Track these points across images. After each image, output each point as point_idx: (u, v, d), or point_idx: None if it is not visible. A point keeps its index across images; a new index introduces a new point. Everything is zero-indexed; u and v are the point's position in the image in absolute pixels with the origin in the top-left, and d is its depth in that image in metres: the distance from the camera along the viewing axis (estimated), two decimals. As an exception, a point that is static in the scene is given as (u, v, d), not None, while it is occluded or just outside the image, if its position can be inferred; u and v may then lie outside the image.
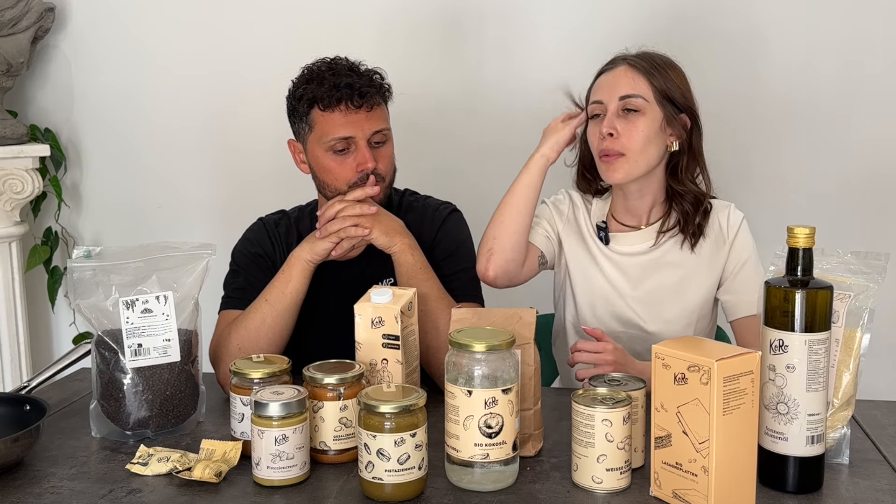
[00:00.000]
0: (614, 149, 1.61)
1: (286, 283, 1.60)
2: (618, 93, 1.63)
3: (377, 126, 1.66)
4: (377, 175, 1.65)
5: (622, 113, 1.62)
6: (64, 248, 2.82)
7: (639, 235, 1.71)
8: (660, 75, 1.63)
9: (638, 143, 1.61)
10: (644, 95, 1.62)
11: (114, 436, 1.39)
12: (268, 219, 1.81)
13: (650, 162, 1.64)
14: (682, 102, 1.64)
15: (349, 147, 1.65)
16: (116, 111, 2.78)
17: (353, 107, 1.62)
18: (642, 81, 1.62)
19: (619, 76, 1.64)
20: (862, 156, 2.50)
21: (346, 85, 1.62)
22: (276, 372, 1.30)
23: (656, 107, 1.62)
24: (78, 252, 1.44)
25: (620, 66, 1.65)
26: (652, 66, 1.64)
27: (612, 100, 1.63)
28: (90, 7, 2.75)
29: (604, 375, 1.30)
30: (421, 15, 2.60)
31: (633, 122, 1.61)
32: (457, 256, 1.73)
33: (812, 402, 1.16)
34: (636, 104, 1.62)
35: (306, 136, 1.69)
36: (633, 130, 1.61)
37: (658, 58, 1.67)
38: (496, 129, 2.61)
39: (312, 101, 1.64)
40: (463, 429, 1.16)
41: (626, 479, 1.19)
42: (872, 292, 1.23)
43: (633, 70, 1.64)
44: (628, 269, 1.71)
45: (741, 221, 1.70)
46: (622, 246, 1.72)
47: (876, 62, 2.47)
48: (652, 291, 1.69)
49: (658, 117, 1.62)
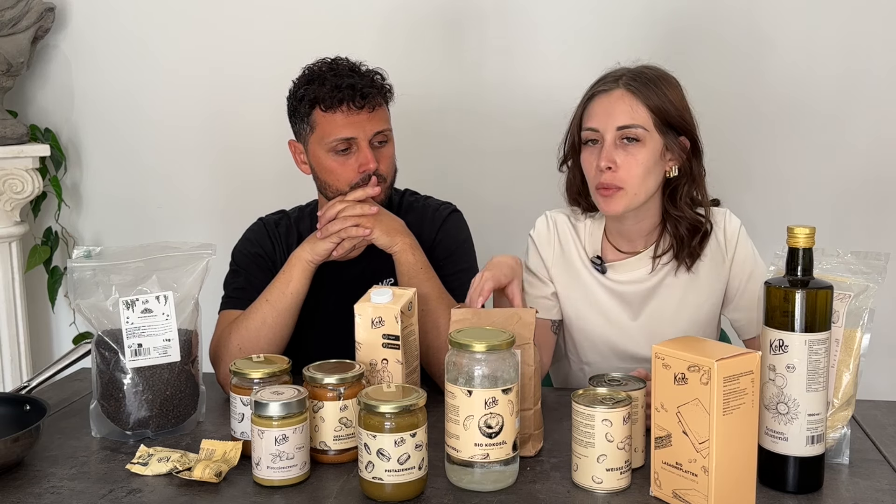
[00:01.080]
0: (613, 183, 1.53)
1: (287, 283, 1.60)
2: (615, 122, 1.53)
3: (379, 127, 1.66)
4: (378, 176, 1.65)
5: (620, 143, 1.53)
6: (64, 248, 2.82)
7: (636, 262, 1.63)
8: (657, 97, 1.53)
9: (637, 176, 1.53)
10: (643, 125, 1.53)
11: (114, 436, 1.39)
12: (268, 219, 1.81)
13: (650, 191, 1.56)
14: (680, 125, 1.55)
15: (351, 148, 1.65)
16: (116, 111, 2.78)
17: (354, 108, 1.62)
18: (641, 109, 1.53)
19: (615, 102, 1.54)
20: (862, 156, 2.50)
21: (348, 86, 1.62)
22: (276, 372, 1.30)
23: (656, 135, 1.54)
24: (78, 252, 1.44)
25: (616, 90, 1.55)
26: (649, 88, 1.54)
27: (609, 129, 1.53)
28: (90, 7, 2.75)
29: (604, 375, 1.30)
30: (421, 15, 2.60)
31: (633, 155, 1.53)
32: (457, 256, 1.73)
33: (812, 402, 1.16)
34: (636, 134, 1.53)
35: (307, 137, 1.69)
36: (633, 163, 1.52)
37: (653, 75, 1.57)
38: (496, 129, 2.61)
39: (314, 102, 1.64)
40: (463, 429, 1.16)
41: (626, 479, 1.19)
42: (872, 292, 1.23)
43: (630, 96, 1.53)
44: (627, 297, 1.64)
45: (739, 230, 1.62)
46: (620, 274, 1.64)
47: (876, 63, 2.47)
48: (652, 317, 1.63)
49: (658, 146, 1.54)
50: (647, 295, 1.63)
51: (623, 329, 1.64)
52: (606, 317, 1.65)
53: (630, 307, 1.64)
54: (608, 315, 1.65)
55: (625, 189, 1.53)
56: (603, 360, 1.67)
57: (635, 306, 1.64)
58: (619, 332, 1.65)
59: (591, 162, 1.56)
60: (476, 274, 1.71)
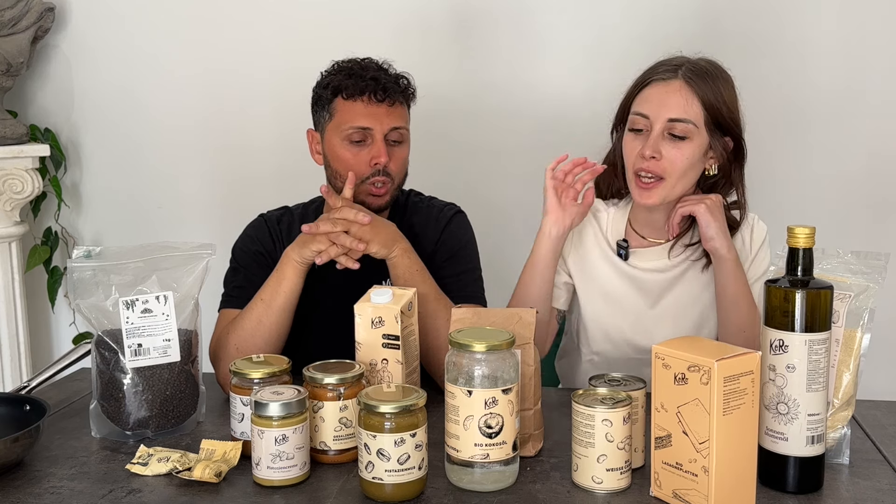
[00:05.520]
0: (655, 171, 1.54)
1: (279, 282, 1.59)
2: (667, 113, 1.53)
3: (396, 123, 1.67)
4: (387, 174, 1.66)
5: (667, 135, 1.54)
6: (64, 248, 2.82)
7: (661, 250, 1.64)
8: (713, 94, 1.53)
9: (680, 169, 1.54)
10: (695, 121, 1.53)
11: (114, 436, 1.39)
12: (269, 215, 1.81)
13: (686, 186, 1.57)
14: (729, 125, 1.56)
15: (366, 140, 1.66)
16: (116, 111, 2.78)
17: (375, 100, 1.65)
18: (696, 104, 1.53)
19: (672, 93, 1.54)
20: (862, 156, 2.51)
21: (373, 78, 1.65)
22: (276, 372, 1.30)
23: (704, 132, 1.54)
24: (78, 252, 1.44)
25: (675, 81, 1.54)
26: (707, 84, 1.54)
27: (660, 119, 1.53)
28: (90, 7, 2.75)
29: (604, 375, 1.30)
30: (429, 18, 2.60)
31: (679, 148, 1.53)
32: (460, 257, 1.73)
33: (812, 402, 1.16)
34: (685, 130, 1.53)
35: (325, 125, 1.70)
36: (678, 157, 1.53)
37: (713, 69, 1.57)
38: (502, 132, 2.62)
39: (337, 90, 1.67)
40: (463, 429, 1.16)
41: (627, 479, 1.18)
42: (872, 292, 1.23)
43: (688, 89, 1.53)
44: (647, 285, 1.64)
45: (764, 237, 1.64)
46: (642, 262, 1.65)
47: (876, 62, 2.47)
48: (670, 307, 1.64)
49: (704, 143, 1.55)
50: (667, 285, 1.64)
51: (638, 317, 1.65)
52: (621, 305, 1.66)
53: (649, 295, 1.65)
54: (623, 303, 1.66)
55: (665, 180, 1.54)
56: (614, 350, 1.67)
57: (654, 295, 1.65)
58: (633, 320, 1.65)
59: (635, 148, 1.57)
60: (478, 275, 1.71)
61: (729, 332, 1.57)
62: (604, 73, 1.64)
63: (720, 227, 1.55)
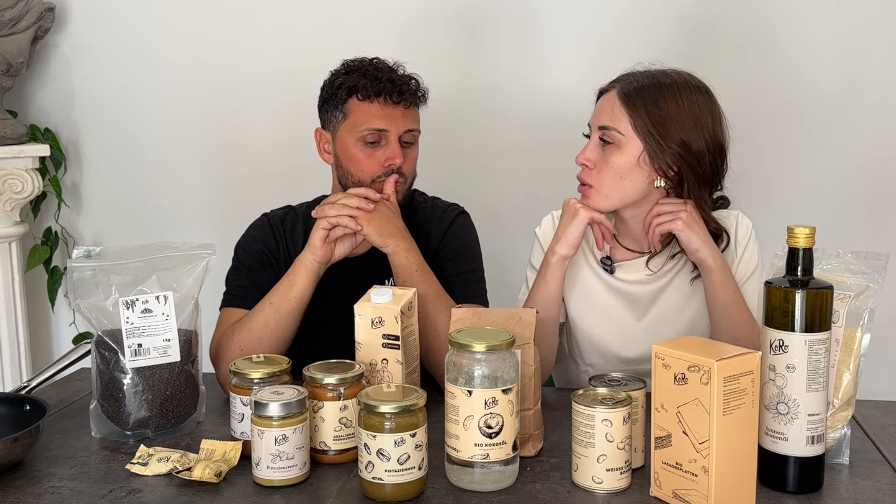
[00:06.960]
0: (583, 178, 1.57)
1: (290, 286, 1.59)
2: (598, 121, 1.56)
3: (410, 125, 1.68)
4: (401, 174, 1.67)
5: (601, 143, 1.56)
6: (64, 248, 2.82)
7: (642, 262, 1.63)
8: (644, 104, 1.52)
9: (607, 178, 1.54)
10: (620, 129, 1.53)
11: (114, 436, 1.39)
12: (273, 214, 1.80)
13: (626, 197, 1.56)
14: (672, 136, 1.51)
15: (380, 141, 1.66)
16: (116, 111, 2.78)
17: (391, 102, 1.65)
18: (622, 114, 1.53)
19: (604, 103, 1.57)
20: (862, 156, 2.51)
21: (388, 79, 1.65)
22: (276, 372, 1.30)
23: (636, 141, 1.53)
24: (78, 252, 1.44)
25: (610, 91, 1.57)
26: (640, 95, 1.52)
27: (595, 127, 1.57)
28: (90, 7, 2.75)
29: (604, 375, 1.30)
30: (430, 18, 2.60)
31: (606, 157, 1.54)
32: (463, 258, 1.73)
33: (812, 402, 1.16)
34: (611, 137, 1.54)
35: (338, 125, 1.70)
36: (604, 165, 1.54)
37: (653, 82, 1.54)
38: (505, 133, 2.62)
39: (352, 91, 1.66)
40: (463, 429, 1.16)
41: (627, 479, 1.19)
42: (872, 292, 1.23)
43: (618, 100, 1.54)
44: (634, 297, 1.64)
45: (750, 234, 1.62)
46: (627, 274, 1.64)
47: (876, 62, 2.47)
48: (658, 318, 1.63)
49: (636, 152, 1.53)
50: (654, 296, 1.63)
51: (626, 330, 1.64)
52: (609, 317, 1.65)
53: (636, 307, 1.64)
54: (611, 315, 1.65)
55: (595, 189, 1.56)
56: (606, 364, 1.66)
57: (642, 306, 1.64)
58: (621, 333, 1.64)
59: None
60: (480, 275, 1.70)
61: (721, 339, 1.56)
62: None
63: (702, 238, 1.53)
